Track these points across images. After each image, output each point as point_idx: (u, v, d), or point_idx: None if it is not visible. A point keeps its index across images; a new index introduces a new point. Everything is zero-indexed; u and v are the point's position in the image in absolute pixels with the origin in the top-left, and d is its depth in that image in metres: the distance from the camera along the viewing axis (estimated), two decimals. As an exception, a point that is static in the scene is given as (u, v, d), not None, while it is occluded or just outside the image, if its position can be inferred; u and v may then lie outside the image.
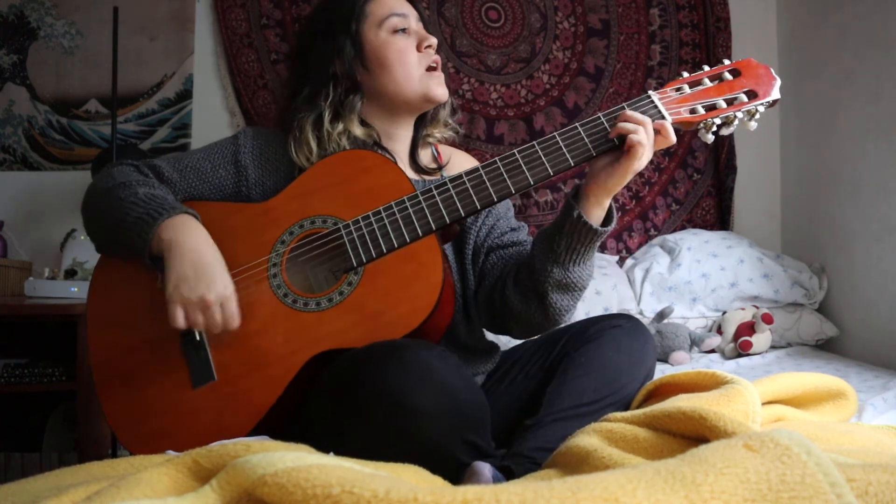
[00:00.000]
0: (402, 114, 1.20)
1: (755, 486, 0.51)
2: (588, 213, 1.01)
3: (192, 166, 1.13)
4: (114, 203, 1.04)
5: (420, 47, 1.16)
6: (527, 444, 0.96)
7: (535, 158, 0.99)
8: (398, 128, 1.21)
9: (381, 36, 1.15)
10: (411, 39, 1.16)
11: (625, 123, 0.97)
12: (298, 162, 1.12)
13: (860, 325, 1.97)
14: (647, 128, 0.97)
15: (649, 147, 0.96)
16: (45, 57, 2.29)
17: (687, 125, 1.00)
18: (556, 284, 1.05)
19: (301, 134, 1.13)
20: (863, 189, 1.95)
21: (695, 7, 2.42)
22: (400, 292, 0.97)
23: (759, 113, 1.01)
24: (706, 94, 1.01)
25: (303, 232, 1.04)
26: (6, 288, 2.06)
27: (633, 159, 0.96)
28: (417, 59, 1.15)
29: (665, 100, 1.01)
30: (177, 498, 0.55)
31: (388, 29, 1.15)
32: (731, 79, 1.02)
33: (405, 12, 1.17)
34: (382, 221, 1.00)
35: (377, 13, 1.16)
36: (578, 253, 1.03)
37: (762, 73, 1.02)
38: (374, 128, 1.18)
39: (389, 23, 1.15)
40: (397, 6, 1.17)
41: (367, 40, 1.15)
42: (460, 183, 1.00)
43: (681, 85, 1.02)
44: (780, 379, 0.99)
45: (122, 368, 1.02)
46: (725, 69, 1.03)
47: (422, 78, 1.15)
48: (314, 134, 1.13)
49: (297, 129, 1.13)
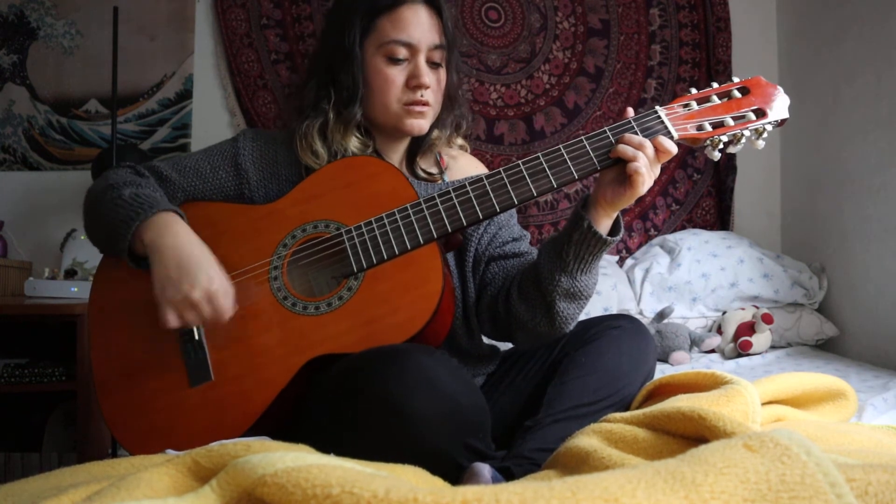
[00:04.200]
0: (386, 135, 1.19)
1: (755, 486, 0.51)
2: (596, 223, 1.00)
3: (191, 167, 1.13)
4: (103, 205, 1.05)
5: (409, 83, 1.11)
6: (526, 445, 0.96)
7: (540, 170, 0.99)
8: (387, 143, 1.20)
9: (376, 59, 1.11)
10: (403, 71, 1.11)
11: (624, 147, 0.95)
12: (306, 163, 1.12)
13: (860, 325, 1.97)
14: (646, 151, 0.95)
15: (649, 171, 0.95)
16: (45, 57, 2.29)
17: (694, 142, 0.99)
18: (564, 293, 1.04)
19: (307, 139, 1.13)
20: (863, 189, 1.95)
21: (695, 7, 2.42)
22: (399, 299, 0.98)
23: (766, 132, 0.99)
24: (714, 111, 0.99)
25: (305, 236, 1.04)
26: (6, 288, 2.06)
27: (637, 186, 0.95)
28: (401, 93, 1.11)
29: (672, 116, 1.00)
30: (177, 498, 0.55)
31: (384, 54, 1.10)
32: (740, 96, 1.00)
33: (412, 42, 1.09)
34: (384, 228, 1.01)
35: (383, 32, 1.10)
36: (586, 262, 1.02)
37: (771, 91, 1.00)
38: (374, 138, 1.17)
39: (387, 49, 1.10)
40: (406, 31, 1.09)
41: (366, 58, 1.12)
42: (463, 192, 1.00)
43: (689, 101, 1.01)
44: (780, 379, 0.99)
45: (121, 367, 1.02)
46: (734, 86, 1.02)
47: (398, 111, 1.12)
48: (320, 139, 1.13)
49: (304, 134, 1.13)
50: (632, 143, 0.95)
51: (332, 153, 1.13)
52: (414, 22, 1.10)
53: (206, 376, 0.98)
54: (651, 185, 0.96)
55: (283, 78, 2.31)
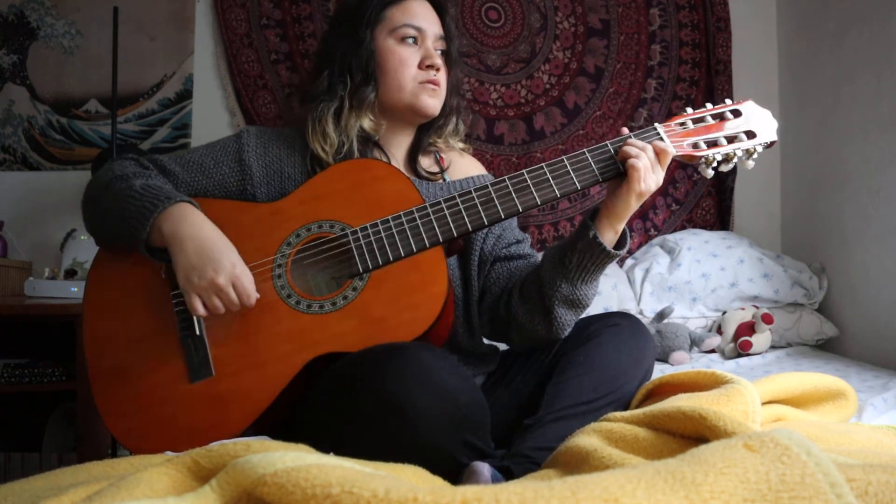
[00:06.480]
0: (396, 121, 1.21)
1: (755, 486, 0.51)
2: (602, 235, 1.04)
3: (194, 161, 1.13)
4: (111, 197, 1.04)
5: (422, 64, 1.16)
6: (526, 444, 0.96)
7: (543, 180, 1.03)
8: (395, 133, 1.22)
9: (389, 42, 1.16)
10: (417, 52, 1.17)
11: (628, 148, 1.02)
12: (314, 149, 1.13)
13: (860, 325, 1.97)
14: (647, 152, 1.01)
15: (649, 171, 1.01)
16: (45, 57, 2.29)
17: (689, 159, 1.06)
18: (563, 299, 1.07)
19: (320, 123, 1.14)
20: (863, 189, 1.95)
21: (695, 7, 2.42)
22: (404, 300, 0.99)
23: (756, 153, 1.07)
24: (708, 130, 1.07)
25: (310, 235, 1.05)
26: (6, 288, 2.06)
27: (633, 182, 1.00)
28: (415, 72, 1.16)
29: (669, 132, 1.06)
30: (177, 498, 0.55)
31: (397, 37, 1.16)
32: (732, 118, 1.08)
33: (422, 27, 1.17)
34: (390, 230, 1.02)
35: (393, 20, 1.17)
36: (588, 271, 1.06)
37: (762, 115, 1.08)
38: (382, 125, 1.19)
39: (398, 32, 1.16)
40: (415, 19, 1.17)
41: (377, 44, 1.17)
42: (469, 198, 1.03)
43: (684, 119, 1.08)
44: (780, 379, 0.99)
45: (117, 360, 1.02)
46: (727, 108, 1.09)
47: (414, 89, 1.16)
48: (334, 122, 1.15)
49: (317, 117, 1.15)
50: (634, 146, 1.02)
51: (341, 142, 1.14)
52: (420, 12, 1.18)
53: (206, 372, 0.98)
54: (654, 186, 1.02)
55: (283, 78, 2.31)
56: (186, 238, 0.98)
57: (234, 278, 0.97)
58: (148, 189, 1.03)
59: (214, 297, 0.96)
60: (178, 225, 0.99)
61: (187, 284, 0.97)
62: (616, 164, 1.03)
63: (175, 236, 0.99)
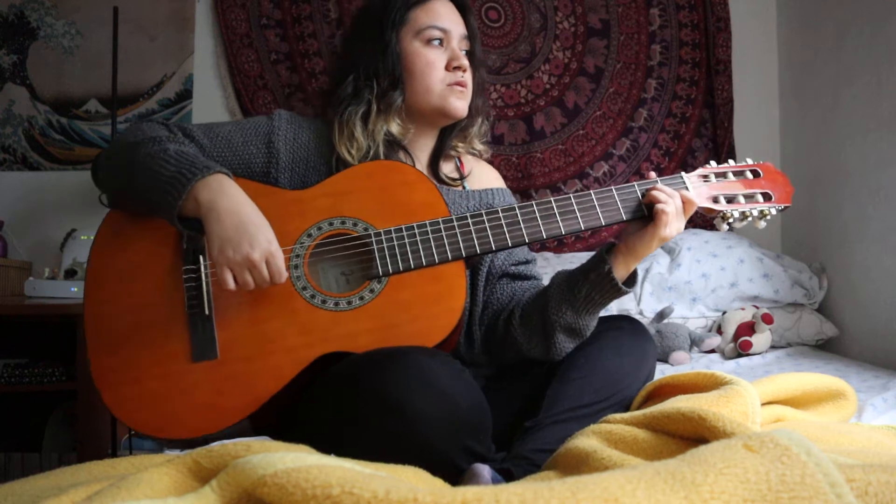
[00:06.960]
0: (422, 124, 1.20)
1: (755, 487, 0.51)
2: (615, 271, 1.04)
3: (223, 136, 1.11)
4: (144, 157, 1.01)
5: (449, 66, 1.16)
6: (526, 446, 0.96)
7: (570, 211, 1.05)
8: (420, 136, 1.21)
9: (415, 45, 1.15)
10: (444, 53, 1.16)
11: (657, 193, 1.03)
12: (340, 152, 1.12)
13: (860, 325, 1.97)
14: (674, 200, 1.02)
15: (675, 218, 1.02)
16: (45, 57, 2.29)
17: (707, 212, 1.09)
18: (566, 326, 1.07)
19: (347, 126, 1.13)
20: (863, 189, 1.95)
21: (695, 7, 2.42)
22: (420, 309, 0.99)
23: (770, 215, 1.09)
24: (729, 186, 1.10)
25: (332, 230, 1.04)
26: (6, 288, 2.06)
27: (659, 227, 1.01)
28: (443, 74, 1.15)
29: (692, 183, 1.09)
30: (177, 498, 0.55)
31: (423, 39, 1.15)
32: (752, 178, 1.12)
33: (447, 28, 1.16)
34: (415, 238, 1.02)
35: (418, 21, 1.16)
36: (594, 303, 1.06)
37: (780, 179, 1.11)
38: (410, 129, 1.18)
39: (424, 34, 1.15)
40: (440, 20, 1.16)
41: (402, 46, 1.16)
42: (495, 217, 1.04)
43: (707, 172, 1.12)
44: (780, 379, 0.99)
45: (118, 327, 0.99)
46: (748, 168, 1.13)
47: (442, 92, 1.15)
48: (361, 125, 1.14)
49: (345, 121, 1.14)
50: (663, 192, 1.03)
51: (367, 145, 1.13)
52: (444, 13, 1.18)
53: (211, 353, 0.97)
54: (675, 234, 1.03)
55: (283, 78, 2.31)
56: (224, 210, 0.96)
57: (268, 255, 0.95)
58: (183, 155, 1.00)
59: (247, 273, 0.94)
60: (216, 196, 0.97)
61: (220, 257, 0.94)
62: (641, 207, 1.04)
63: (213, 207, 0.96)
